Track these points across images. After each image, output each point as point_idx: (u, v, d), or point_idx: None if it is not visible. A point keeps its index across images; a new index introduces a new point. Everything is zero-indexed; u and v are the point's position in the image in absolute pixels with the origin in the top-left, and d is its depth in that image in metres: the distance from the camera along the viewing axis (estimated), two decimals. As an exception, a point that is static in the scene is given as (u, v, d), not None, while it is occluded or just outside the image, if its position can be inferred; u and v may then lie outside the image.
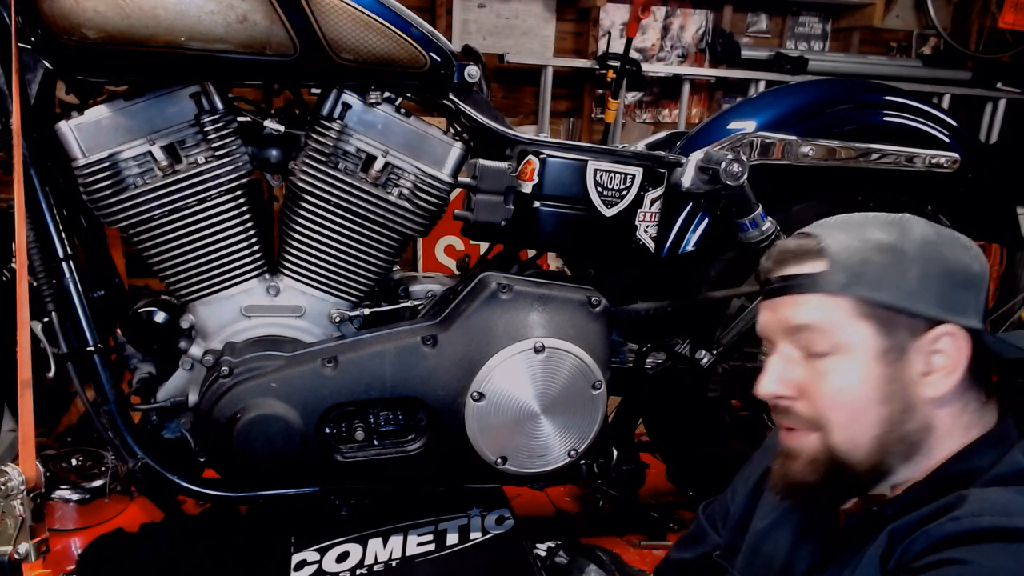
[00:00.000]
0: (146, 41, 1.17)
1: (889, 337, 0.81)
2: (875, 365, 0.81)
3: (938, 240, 0.84)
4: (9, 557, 1.05)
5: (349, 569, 1.35)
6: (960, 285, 0.82)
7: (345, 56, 1.25)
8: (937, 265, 0.82)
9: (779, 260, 0.89)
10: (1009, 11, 3.69)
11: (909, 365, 0.81)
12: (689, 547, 1.16)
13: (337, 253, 1.37)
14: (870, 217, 0.88)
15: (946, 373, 0.80)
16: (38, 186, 1.26)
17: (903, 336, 0.81)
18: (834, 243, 0.84)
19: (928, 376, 0.81)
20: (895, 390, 0.81)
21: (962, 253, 0.83)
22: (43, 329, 1.29)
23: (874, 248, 0.83)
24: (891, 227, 0.85)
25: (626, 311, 1.50)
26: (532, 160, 1.37)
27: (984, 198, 1.76)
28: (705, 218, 1.59)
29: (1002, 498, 0.74)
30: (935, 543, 0.72)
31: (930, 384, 0.81)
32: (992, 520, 0.70)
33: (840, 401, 0.82)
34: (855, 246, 0.83)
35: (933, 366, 0.81)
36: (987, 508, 0.72)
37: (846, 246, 0.84)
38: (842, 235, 0.85)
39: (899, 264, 0.82)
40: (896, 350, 0.81)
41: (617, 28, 3.69)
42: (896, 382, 0.81)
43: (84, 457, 1.79)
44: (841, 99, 1.66)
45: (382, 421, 1.38)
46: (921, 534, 0.74)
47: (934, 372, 0.81)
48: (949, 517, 0.73)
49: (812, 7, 3.93)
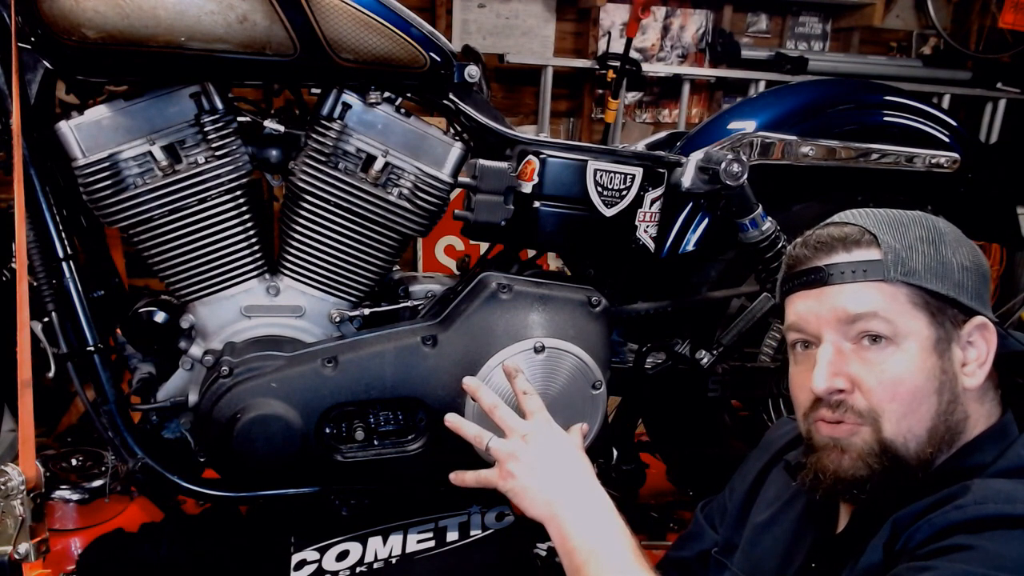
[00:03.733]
0: (146, 41, 1.17)
1: (940, 327, 0.81)
2: (929, 356, 0.81)
3: (960, 235, 0.86)
4: (9, 557, 1.05)
5: (349, 568, 1.35)
6: (984, 278, 0.84)
7: (345, 56, 1.25)
8: (968, 258, 0.83)
9: (822, 248, 0.86)
10: (1009, 11, 3.69)
11: (954, 355, 0.82)
12: (687, 546, 1.16)
13: (337, 253, 1.37)
14: (894, 211, 0.88)
15: (979, 364, 0.82)
16: (38, 186, 1.25)
17: (949, 327, 0.82)
18: (882, 232, 0.84)
19: (965, 367, 0.82)
20: (945, 381, 0.81)
21: (976, 248, 0.85)
22: (43, 329, 1.29)
23: (918, 239, 0.83)
24: (919, 220, 0.86)
25: (626, 311, 1.50)
26: (532, 160, 1.37)
27: (984, 198, 1.76)
28: (705, 218, 1.58)
29: (1006, 487, 0.74)
30: (939, 530, 0.72)
31: (968, 375, 0.82)
32: (996, 508, 0.71)
33: (898, 392, 0.80)
34: (901, 235, 0.83)
35: (968, 357, 0.82)
36: (991, 496, 0.73)
37: (894, 235, 0.83)
38: (884, 225, 0.85)
39: (942, 255, 0.82)
40: (945, 340, 0.81)
41: (617, 28, 3.69)
42: (946, 373, 0.81)
43: (84, 457, 1.79)
44: (841, 99, 1.66)
45: (382, 421, 1.38)
46: (925, 522, 0.74)
47: (969, 363, 0.82)
48: (953, 505, 0.73)
49: (812, 7, 3.94)
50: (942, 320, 0.81)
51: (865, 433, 0.82)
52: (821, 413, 0.85)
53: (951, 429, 0.81)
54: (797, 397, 0.91)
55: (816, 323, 0.85)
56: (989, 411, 0.84)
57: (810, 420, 0.87)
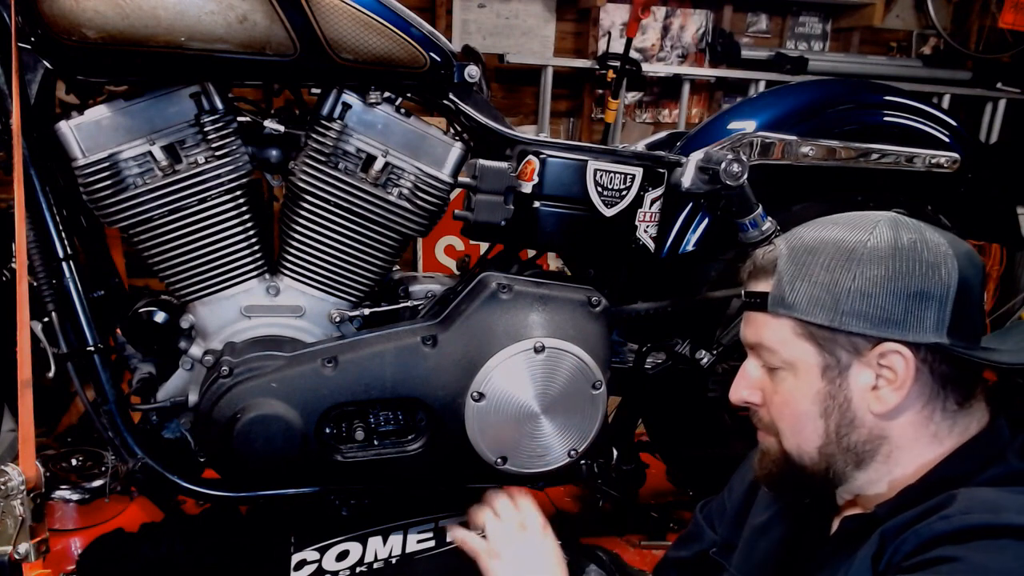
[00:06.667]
0: (146, 41, 1.17)
1: (829, 355, 0.83)
2: (815, 381, 0.84)
3: (893, 253, 0.80)
4: (9, 557, 1.05)
5: (349, 567, 1.35)
6: (913, 299, 0.79)
7: (345, 56, 1.25)
8: (883, 282, 0.79)
9: (749, 274, 0.93)
10: (1009, 11, 3.69)
11: (854, 380, 0.83)
12: (686, 546, 1.16)
13: (337, 253, 1.37)
14: (838, 224, 0.86)
15: (893, 388, 0.81)
16: (38, 186, 1.26)
17: (843, 354, 0.83)
18: (783, 260, 0.86)
19: (876, 391, 0.82)
20: (834, 405, 0.84)
21: (922, 265, 0.79)
22: (43, 329, 1.29)
23: (821, 266, 0.82)
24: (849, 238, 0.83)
25: (626, 311, 1.50)
26: (532, 160, 1.37)
27: (984, 198, 1.76)
28: (705, 218, 1.59)
29: (991, 496, 0.74)
30: (925, 542, 0.72)
31: (877, 399, 0.82)
32: (981, 518, 0.71)
33: (785, 413, 0.88)
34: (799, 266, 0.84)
35: (880, 382, 0.82)
36: (976, 506, 0.73)
37: (794, 265, 0.85)
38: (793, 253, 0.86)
39: (836, 285, 0.81)
40: (836, 367, 0.83)
41: (617, 28, 3.69)
42: (835, 398, 0.84)
43: (84, 457, 1.79)
44: (841, 99, 1.66)
45: (382, 421, 1.38)
46: (911, 533, 0.74)
47: (882, 387, 0.82)
48: (939, 516, 0.73)
49: (812, 7, 3.93)
50: (832, 348, 0.83)
51: (773, 442, 0.91)
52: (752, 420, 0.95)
53: (851, 449, 0.84)
54: None
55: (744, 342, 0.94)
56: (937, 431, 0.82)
57: None
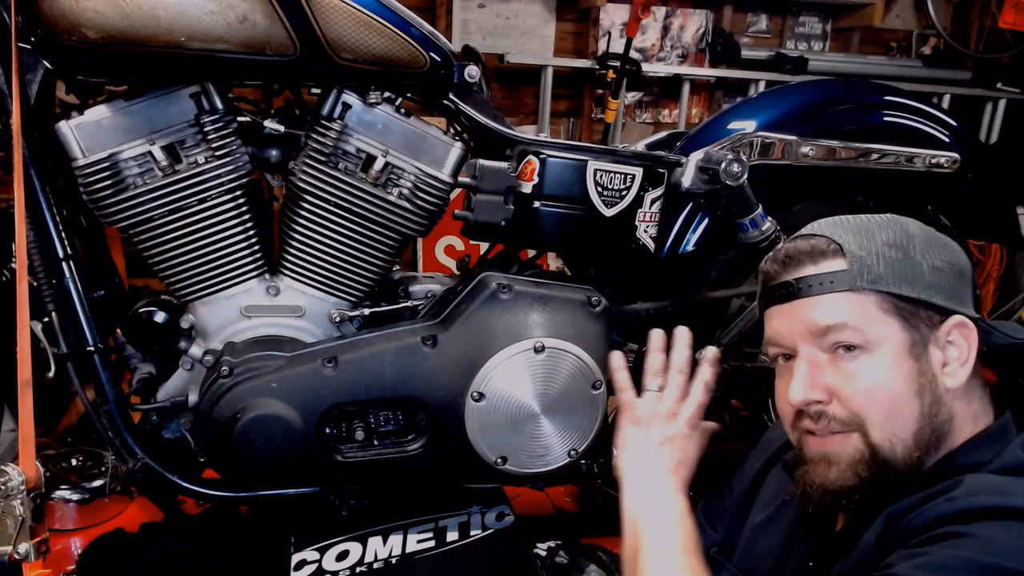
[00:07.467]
0: (146, 41, 1.17)
1: (914, 331, 0.82)
2: (904, 359, 0.82)
3: (933, 235, 0.87)
4: (9, 557, 1.05)
5: (349, 567, 1.35)
6: (960, 276, 0.84)
7: (345, 56, 1.25)
8: (941, 258, 0.84)
9: (790, 263, 0.88)
10: (1009, 11, 3.69)
11: (932, 357, 0.82)
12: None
13: (337, 253, 1.37)
14: (863, 217, 0.89)
15: (961, 363, 0.82)
16: (38, 186, 1.25)
17: (924, 329, 0.82)
18: (847, 242, 0.85)
19: (946, 367, 0.82)
20: (924, 383, 0.82)
21: (952, 247, 0.86)
22: (43, 329, 1.29)
23: (885, 244, 0.84)
24: (888, 225, 0.87)
25: (626, 311, 1.50)
26: (532, 160, 1.37)
27: (984, 198, 1.76)
28: (705, 218, 1.58)
29: (998, 481, 0.75)
30: (931, 521, 0.73)
31: (949, 375, 0.82)
32: (988, 499, 0.71)
33: (877, 397, 0.81)
34: (868, 243, 0.84)
35: (949, 357, 0.82)
36: (982, 489, 0.73)
37: (860, 243, 0.84)
38: (850, 234, 0.86)
39: (911, 258, 0.83)
40: (920, 343, 0.82)
41: (617, 28, 3.69)
42: (924, 375, 0.82)
43: (84, 457, 1.79)
44: (841, 99, 1.65)
45: (382, 421, 1.38)
46: (917, 514, 0.75)
47: (950, 363, 0.82)
48: (945, 498, 0.74)
49: (812, 7, 3.94)
50: (916, 323, 0.82)
51: (855, 440, 0.83)
52: (805, 424, 0.87)
53: (936, 431, 0.82)
54: (782, 408, 0.92)
55: (790, 337, 0.87)
56: (977, 410, 0.84)
57: (798, 431, 0.89)
